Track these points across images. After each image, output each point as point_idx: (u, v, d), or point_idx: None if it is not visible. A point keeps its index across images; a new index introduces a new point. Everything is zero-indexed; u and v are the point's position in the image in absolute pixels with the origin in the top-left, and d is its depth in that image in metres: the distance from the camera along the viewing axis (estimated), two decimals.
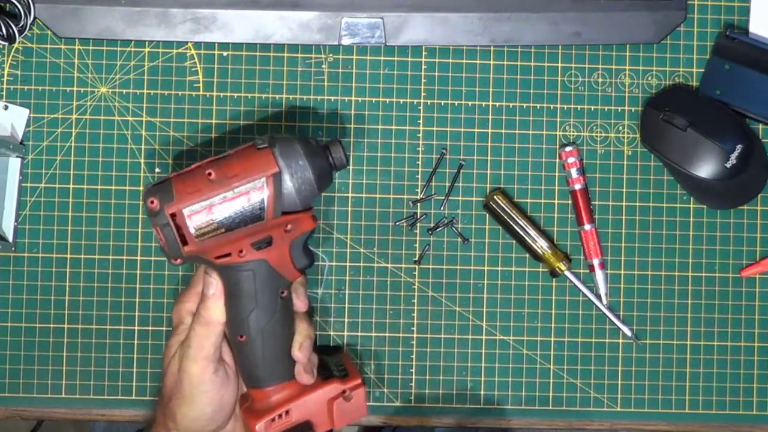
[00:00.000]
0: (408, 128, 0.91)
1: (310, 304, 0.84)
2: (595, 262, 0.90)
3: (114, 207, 0.90)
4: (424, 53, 0.91)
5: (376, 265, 0.91)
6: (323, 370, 0.84)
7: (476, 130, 0.91)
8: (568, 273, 0.90)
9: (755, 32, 0.91)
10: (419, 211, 0.91)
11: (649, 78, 0.92)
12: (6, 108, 0.89)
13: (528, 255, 0.91)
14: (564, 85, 0.92)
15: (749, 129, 0.91)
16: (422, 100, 0.91)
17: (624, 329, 0.91)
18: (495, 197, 0.89)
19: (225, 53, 0.91)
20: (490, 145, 0.91)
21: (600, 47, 0.91)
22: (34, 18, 0.88)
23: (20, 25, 0.88)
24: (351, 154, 0.90)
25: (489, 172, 0.91)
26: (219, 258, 0.76)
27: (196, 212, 0.74)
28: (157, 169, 0.90)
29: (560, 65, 0.92)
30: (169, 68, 0.90)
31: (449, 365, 0.91)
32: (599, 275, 0.91)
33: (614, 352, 0.91)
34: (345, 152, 0.79)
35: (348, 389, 0.83)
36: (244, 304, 0.77)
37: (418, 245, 0.91)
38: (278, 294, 0.79)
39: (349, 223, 0.91)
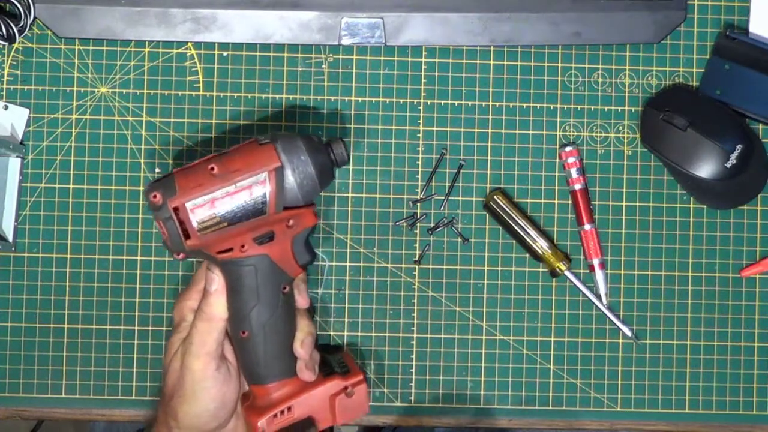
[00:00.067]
0: (408, 128, 0.91)
1: (311, 302, 0.83)
2: (595, 262, 0.90)
3: (114, 207, 0.90)
4: (424, 53, 0.91)
5: (376, 265, 0.91)
6: (325, 366, 0.84)
7: (476, 130, 0.91)
8: (568, 273, 0.90)
9: (755, 32, 0.91)
10: (419, 211, 0.91)
11: (649, 78, 0.92)
12: (6, 108, 0.89)
13: (528, 255, 0.91)
14: (564, 85, 0.92)
15: (749, 129, 0.91)
16: (422, 100, 0.91)
17: (624, 329, 0.91)
18: (495, 197, 0.89)
19: (225, 53, 0.91)
20: (490, 145, 0.91)
21: (600, 47, 0.92)
22: (34, 18, 0.88)
23: (20, 25, 0.88)
24: (351, 154, 0.90)
25: (489, 172, 0.91)
26: (221, 253, 0.76)
27: (199, 206, 0.74)
28: (157, 169, 0.90)
29: (560, 65, 0.92)
30: (169, 68, 0.91)
31: (449, 365, 0.91)
32: (599, 275, 0.91)
33: (614, 352, 0.91)
34: (346, 149, 0.80)
35: (350, 385, 0.83)
36: (245, 300, 0.77)
37: (418, 245, 0.91)
38: (280, 290, 0.79)
39: (349, 223, 0.91)
